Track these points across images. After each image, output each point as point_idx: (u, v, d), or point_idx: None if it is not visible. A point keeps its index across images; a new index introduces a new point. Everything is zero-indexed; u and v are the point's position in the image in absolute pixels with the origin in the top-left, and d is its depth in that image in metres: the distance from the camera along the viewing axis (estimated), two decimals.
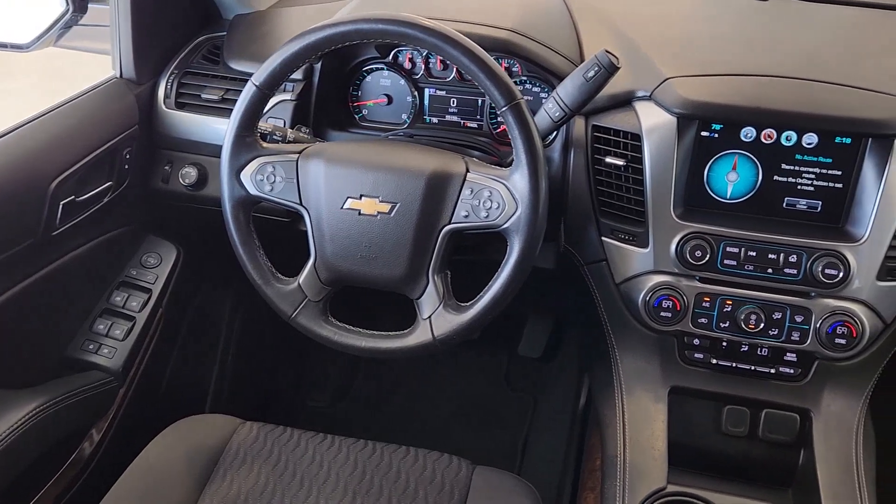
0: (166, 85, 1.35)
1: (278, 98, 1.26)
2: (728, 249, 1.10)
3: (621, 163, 1.11)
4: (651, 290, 1.13)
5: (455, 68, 1.28)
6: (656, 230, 1.12)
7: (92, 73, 1.33)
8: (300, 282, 1.06)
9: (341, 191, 1.02)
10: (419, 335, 1.03)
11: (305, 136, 1.20)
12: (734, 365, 1.16)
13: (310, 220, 1.04)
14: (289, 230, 1.31)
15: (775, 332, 1.12)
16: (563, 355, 1.93)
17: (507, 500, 1.08)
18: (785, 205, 1.12)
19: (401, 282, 1.03)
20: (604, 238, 1.17)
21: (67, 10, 1.26)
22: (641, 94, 1.13)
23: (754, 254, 1.10)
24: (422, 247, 1.01)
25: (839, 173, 1.09)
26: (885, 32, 1.30)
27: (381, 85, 1.32)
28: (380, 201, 1.01)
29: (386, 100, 1.32)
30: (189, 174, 1.32)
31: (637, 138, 1.11)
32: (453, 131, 1.29)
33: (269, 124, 1.15)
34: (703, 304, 1.13)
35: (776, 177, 1.10)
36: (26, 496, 1.21)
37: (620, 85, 1.12)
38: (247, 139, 1.04)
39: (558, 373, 1.91)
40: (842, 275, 1.07)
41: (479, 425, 1.86)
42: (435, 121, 1.32)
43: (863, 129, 1.05)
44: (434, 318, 1.02)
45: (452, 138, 1.23)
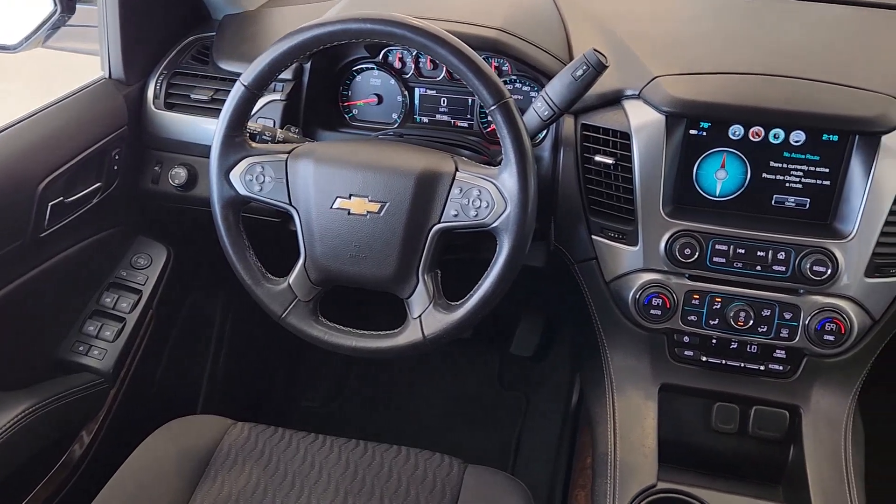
0: (155, 85, 1.35)
1: (268, 98, 1.25)
2: (717, 247, 1.11)
3: (610, 161, 1.12)
4: (641, 287, 1.13)
5: (445, 68, 1.28)
6: (646, 228, 1.12)
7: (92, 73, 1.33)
8: (290, 282, 1.06)
9: (331, 190, 1.02)
10: (409, 334, 1.03)
11: (295, 136, 1.20)
12: (724, 362, 1.16)
13: (299, 220, 1.04)
14: (279, 230, 1.31)
15: (764, 329, 1.12)
16: (555, 354, 1.94)
17: (498, 499, 1.08)
18: (773, 202, 1.12)
19: (391, 281, 1.03)
20: (594, 236, 1.18)
21: (55, 10, 1.25)
22: (630, 92, 1.13)
23: (743, 251, 1.10)
24: (411, 246, 1.01)
25: (827, 171, 1.09)
26: (871, 30, 1.30)
27: (370, 85, 1.32)
28: (369, 201, 1.01)
29: (376, 99, 1.32)
30: (179, 175, 1.32)
31: (626, 137, 1.11)
32: (443, 131, 1.29)
33: (258, 124, 1.15)
34: (693, 301, 1.13)
35: (764, 174, 1.11)
36: (16, 499, 1.21)
37: (609, 83, 1.13)
38: (236, 139, 1.04)
39: (550, 372, 1.92)
40: (830, 272, 1.07)
41: (472, 424, 1.86)
42: (425, 120, 1.32)
43: (850, 127, 1.06)
44: (424, 317, 1.02)
45: (443, 138, 1.23)
